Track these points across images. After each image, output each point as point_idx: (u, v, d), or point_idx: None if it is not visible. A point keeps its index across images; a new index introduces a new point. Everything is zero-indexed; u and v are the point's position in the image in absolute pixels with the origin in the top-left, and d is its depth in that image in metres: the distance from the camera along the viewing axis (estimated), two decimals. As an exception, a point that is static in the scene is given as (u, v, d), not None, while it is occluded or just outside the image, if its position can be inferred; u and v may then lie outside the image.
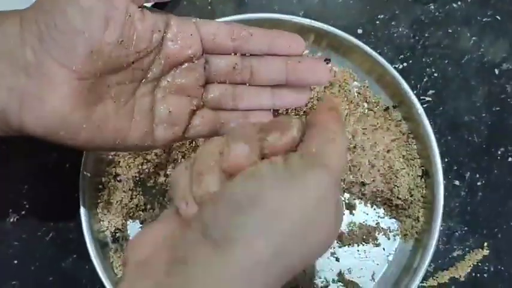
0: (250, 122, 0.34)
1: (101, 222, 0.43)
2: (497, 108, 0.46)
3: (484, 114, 0.46)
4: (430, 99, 0.46)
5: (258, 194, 0.22)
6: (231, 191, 0.23)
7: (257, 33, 0.32)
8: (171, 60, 0.31)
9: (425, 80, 0.47)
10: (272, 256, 0.22)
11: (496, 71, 0.47)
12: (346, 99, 0.44)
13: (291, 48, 0.32)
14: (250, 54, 0.32)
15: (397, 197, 0.42)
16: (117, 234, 0.43)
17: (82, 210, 0.41)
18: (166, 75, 0.32)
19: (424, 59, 0.47)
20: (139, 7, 0.29)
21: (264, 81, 0.33)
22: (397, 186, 0.42)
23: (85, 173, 0.42)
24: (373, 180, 0.42)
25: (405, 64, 0.47)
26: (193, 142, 0.43)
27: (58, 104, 0.27)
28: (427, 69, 0.47)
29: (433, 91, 0.47)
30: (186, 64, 0.32)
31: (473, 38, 0.48)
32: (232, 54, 0.32)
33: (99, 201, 0.44)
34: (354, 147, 0.42)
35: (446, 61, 0.47)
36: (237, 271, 0.22)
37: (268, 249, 0.22)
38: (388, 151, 0.43)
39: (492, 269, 0.42)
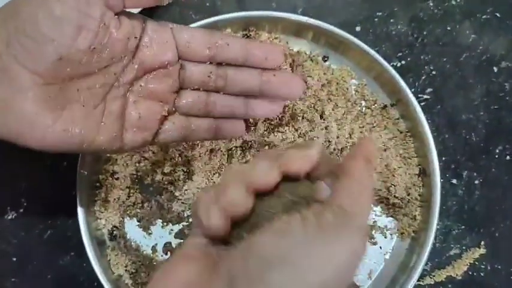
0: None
1: (98, 220, 0.43)
2: (496, 107, 0.46)
3: (482, 113, 0.46)
4: (428, 97, 0.46)
5: (288, 252, 0.21)
6: (261, 247, 0.22)
7: (234, 43, 0.32)
8: (145, 66, 0.31)
9: (423, 77, 0.47)
10: None
11: (495, 69, 0.47)
12: (343, 97, 0.44)
13: (268, 61, 0.32)
14: (226, 64, 0.32)
15: (394, 196, 0.42)
16: (114, 232, 0.43)
17: (79, 208, 0.41)
18: (140, 80, 0.31)
19: (422, 57, 0.47)
20: (116, 14, 0.28)
21: (237, 90, 0.33)
22: (394, 185, 0.42)
23: (82, 171, 0.42)
24: (370, 179, 0.42)
25: (403, 62, 0.47)
26: (190, 142, 0.43)
27: (24, 108, 0.27)
28: (426, 67, 0.47)
29: (431, 89, 0.46)
30: (160, 70, 0.31)
31: (472, 35, 0.47)
32: (208, 62, 0.32)
33: (96, 199, 0.44)
34: (352, 145, 0.42)
35: (444, 59, 0.47)
36: None
37: None
38: (385, 149, 0.43)
39: (489, 267, 0.42)
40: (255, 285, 0.22)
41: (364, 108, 0.45)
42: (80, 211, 0.41)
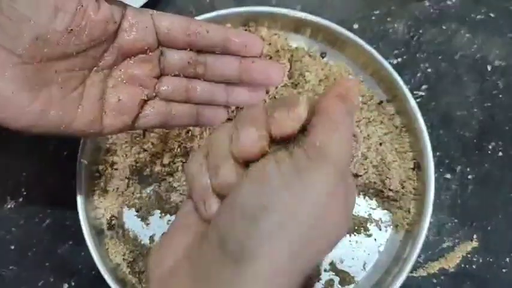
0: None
1: (97, 210, 0.44)
2: (489, 104, 0.47)
3: (475, 110, 0.47)
4: (423, 94, 0.47)
5: (267, 200, 0.22)
6: (242, 200, 0.23)
7: (213, 30, 0.32)
8: (125, 51, 0.31)
9: (418, 75, 0.48)
10: (290, 261, 0.22)
11: (489, 68, 0.48)
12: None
13: (247, 48, 0.32)
14: (206, 51, 0.33)
15: (389, 189, 0.43)
16: (113, 222, 0.44)
17: (78, 198, 0.42)
18: (120, 64, 0.32)
19: (418, 55, 0.48)
20: None
21: (217, 77, 0.34)
22: (389, 178, 0.43)
23: (82, 160, 0.43)
24: (366, 172, 0.43)
25: (399, 59, 0.48)
26: (189, 132, 0.44)
27: (0, 86, 0.27)
28: (421, 65, 0.48)
29: (426, 86, 0.47)
30: (141, 55, 0.32)
31: (467, 35, 0.49)
32: (188, 49, 0.33)
33: (95, 188, 0.44)
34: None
35: (439, 57, 0.48)
36: (257, 284, 0.22)
37: (286, 255, 0.22)
38: (380, 144, 0.44)
39: (481, 260, 0.43)
40: (242, 243, 0.22)
41: (360, 104, 0.46)
42: (79, 200, 0.42)
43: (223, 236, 0.23)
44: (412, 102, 0.43)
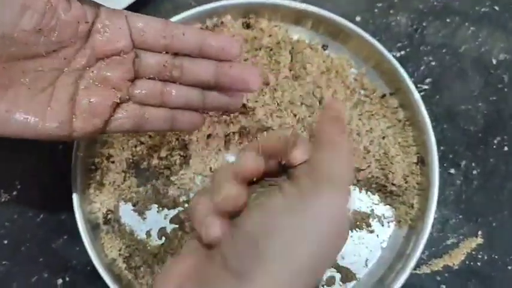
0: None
1: (93, 204, 0.43)
2: (494, 98, 0.46)
3: (480, 104, 0.46)
4: (426, 87, 0.46)
5: (270, 225, 0.22)
6: (245, 224, 0.23)
7: (189, 33, 0.31)
8: (98, 52, 0.30)
9: (422, 68, 0.47)
10: (291, 281, 0.22)
11: (494, 61, 0.47)
12: (342, 84, 0.44)
13: (224, 52, 0.31)
14: (183, 54, 0.32)
15: (392, 183, 0.42)
16: (109, 216, 0.43)
17: (74, 191, 0.41)
18: (92, 66, 0.31)
19: (421, 48, 0.47)
20: None
21: (193, 81, 0.33)
22: (392, 172, 0.42)
23: (78, 153, 0.42)
24: (368, 166, 0.42)
25: (403, 52, 0.47)
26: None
27: None
28: (425, 58, 0.47)
29: (430, 79, 0.46)
30: (114, 57, 0.31)
31: (471, 28, 0.48)
32: (164, 52, 0.32)
33: (91, 182, 0.43)
34: (350, 132, 0.42)
35: (443, 50, 0.47)
36: None
37: (286, 275, 0.22)
38: (383, 137, 0.43)
39: (486, 257, 0.42)
40: (244, 262, 0.22)
41: (363, 97, 0.45)
42: (75, 194, 0.41)
43: (226, 256, 0.23)
44: (416, 95, 0.42)
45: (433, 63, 0.47)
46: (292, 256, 0.22)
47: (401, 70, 0.43)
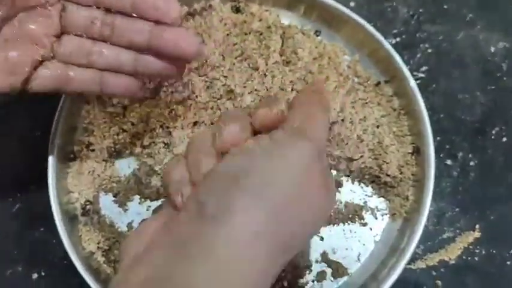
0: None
1: (71, 194, 0.41)
2: (492, 87, 0.44)
3: (478, 93, 0.44)
4: (422, 75, 0.44)
5: (248, 166, 0.24)
6: (224, 166, 0.25)
7: None
8: (20, 3, 0.28)
9: (418, 55, 0.45)
10: (268, 224, 0.23)
11: (492, 49, 0.45)
12: (335, 71, 0.42)
13: (159, 12, 0.29)
14: (117, 12, 0.29)
15: (386, 174, 0.40)
16: (88, 207, 0.40)
17: (50, 180, 0.38)
18: (13, 18, 0.28)
19: (417, 35, 0.45)
20: None
21: (124, 42, 0.30)
22: (386, 163, 0.40)
23: (55, 140, 0.39)
24: (361, 156, 0.40)
25: (398, 39, 0.45)
26: (173, 112, 0.41)
27: None
28: (421, 45, 0.45)
29: (426, 67, 0.45)
30: (38, 9, 0.28)
31: (470, 14, 0.46)
32: (94, 7, 0.29)
33: (69, 171, 0.41)
34: (342, 120, 0.40)
35: (440, 37, 0.45)
36: (237, 244, 0.22)
37: (264, 216, 0.23)
38: (377, 126, 0.41)
39: (484, 252, 0.40)
40: (222, 202, 0.23)
41: (356, 84, 0.43)
42: (51, 183, 0.38)
43: (202, 200, 0.24)
44: (412, 83, 0.40)
45: (430, 51, 0.45)
46: (269, 193, 0.23)
47: (397, 57, 0.41)
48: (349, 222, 0.40)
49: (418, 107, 0.40)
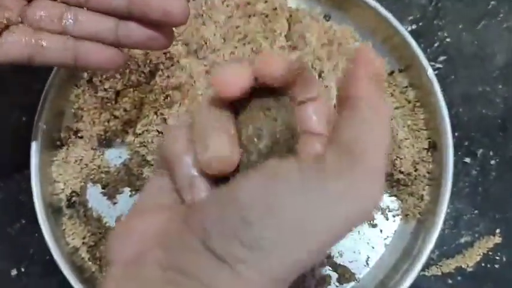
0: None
1: (55, 184, 0.38)
2: (516, 80, 0.41)
3: (500, 86, 0.41)
4: (440, 66, 0.41)
5: (277, 199, 0.17)
6: (243, 191, 0.18)
7: None
8: None
9: (436, 44, 0.42)
10: (286, 275, 0.17)
11: (516, 39, 0.42)
12: (345, 58, 0.39)
13: None
14: None
15: (399, 171, 0.36)
16: (73, 199, 0.37)
17: (33, 168, 0.36)
18: None
19: (436, 22, 0.42)
20: None
21: (102, 7, 0.27)
22: (400, 159, 0.36)
23: (40, 124, 0.36)
24: (373, 151, 0.36)
25: (414, 26, 0.42)
26: (169, 98, 0.38)
27: None
28: (439, 33, 0.42)
29: (444, 57, 0.41)
30: None
31: (492, 2, 0.43)
32: None
33: (55, 159, 0.38)
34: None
35: (460, 25, 0.42)
36: None
37: (284, 270, 0.17)
38: (391, 119, 0.38)
39: (504, 259, 0.37)
40: (232, 247, 0.17)
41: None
42: (34, 171, 0.36)
43: (209, 230, 0.18)
44: (430, 72, 0.37)
45: (448, 40, 0.42)
46: (295, 250, 0.17)
47: (413, 44, 0.38)
48: (357, 222, 0.37)
49: (436, 99, 0.37)
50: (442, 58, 0.41)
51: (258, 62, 0.19)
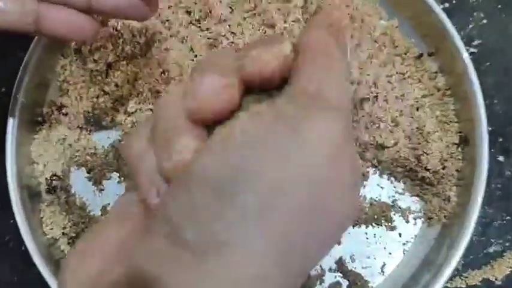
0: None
1: (35, 165, 0.33)
2: (560, 70, 0.36)
3: (542, 76, 0.36)
4: (474, 50, 0.36)
5: (242, 163, 0.15)
6: (205, 172, 0.15)
7: None
8: None
9: (470, 26, 0.37)
10: (277, 258, 0.15)
11: (562, 23, 0.37)
12: (369, 37, 0.34)
13: None
14: None
15: (425, 168, 0.32)
16: (55, 183, 0.33)
17: (8, 146, 0.32)
18: None
19: (471, 1, 0.37)
20: None
21: None
22: (426, 154, 0.32)
23: (19, 97, 0.32)
24: (396, 144, 0.32)
25: (446, 4, 0.37)
26: (166, 73, 0.33)
27: None
28: (474, 14, 0.37)
29: (479, 41, 0.37)
30: None
31: (537, -20, 0.38)
32: None
33: (35, 137, 0.34)
34: (375, 97, 0.32)
35: (499, 5, 0.37)
36: None
37: (270, 249, 0.15)
38: (417, 108, 0.33)
39: (539, 272, 0.33)
40: (206, 230, 0.15)
41: (393, 55, 0.35)
42: (9, 149, 0.32)
43: (177, 221, 0.15)
44: (465, 56, 0.32)
45: (485, 21, 0.37)
46: (277, 210, 0.15)
47: (448, 23, 0.33)
48: (373, 224, 0.33)
49: (470, 87, 0.32)
50: (476, 42, 0.37)
51: (248, 65, 0.17)
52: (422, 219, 0.33)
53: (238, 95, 0.17)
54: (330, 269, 0.32)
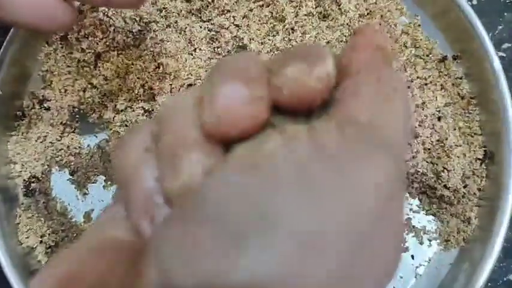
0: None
1: (12, 165, 0.30)
2: None
3: None
4: (503, 55, 0.33)
5: (265, 209, 0.12)
6: (216, 199, 0.12)
7: None
8: None
9: (500, 27, 0.34)
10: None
11: None
12: (389, 35, 0.31)
13: None
14: None
15: (444, 186, 0.29)
16: (33, 185, 0.30)
17: (-19, 143, 0.28)
18: None
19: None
20: None
21: None
22: (447, 170, 0.29)
23: (-5, 88, 0.29)
24: (414, 157, 0.29)
25: (474, 2, 0.34)
26: (161, 67, 0.30)
27: None
28: (505, 14, 0.34)
29: (509, 44, 0.33)
30: None
31: None
32: None
33: (13, 133, 0.30)
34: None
35: (533, 5, 0.34)
36: None
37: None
38: (439, 118, 0.30)
39: None
40: (216, 276, 0.11)
41: (413, 58, 0.31)
42: (-17, 147, 0.28)
43: (169, 268, 0.12)
44: (496, 63, 0.29)
45: (516, 23, 0.33)
46: (308, 274, 0.11)
47: (478, 23, 0.29)
48: (384, 244, 0.30)
49: (498, 97, 0.29)
50: (506, 45, 0.33)
51: (284, 88, 0.14)
52: (438, 240, 0.30)
53: (268, 112, 0.14)
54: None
